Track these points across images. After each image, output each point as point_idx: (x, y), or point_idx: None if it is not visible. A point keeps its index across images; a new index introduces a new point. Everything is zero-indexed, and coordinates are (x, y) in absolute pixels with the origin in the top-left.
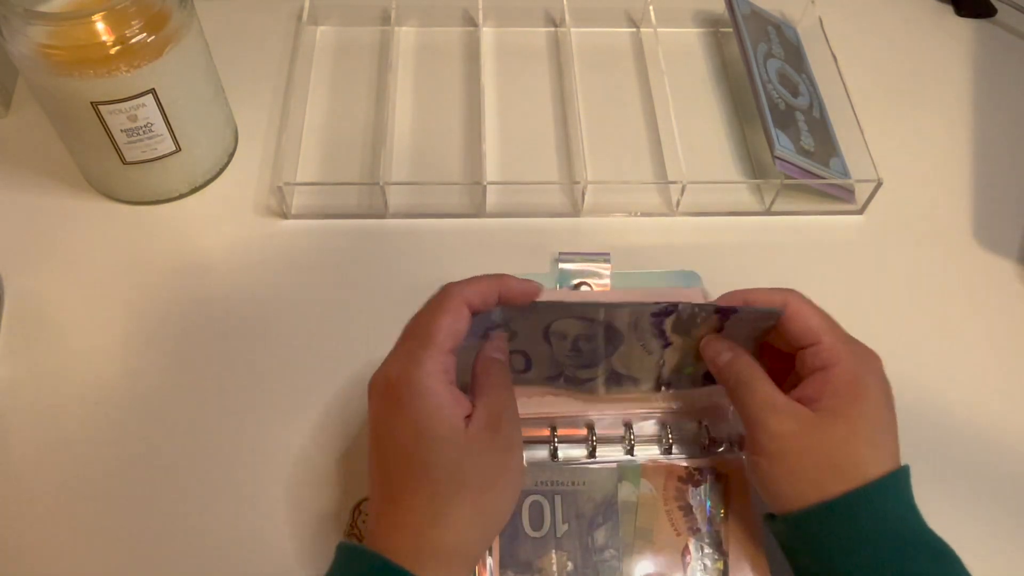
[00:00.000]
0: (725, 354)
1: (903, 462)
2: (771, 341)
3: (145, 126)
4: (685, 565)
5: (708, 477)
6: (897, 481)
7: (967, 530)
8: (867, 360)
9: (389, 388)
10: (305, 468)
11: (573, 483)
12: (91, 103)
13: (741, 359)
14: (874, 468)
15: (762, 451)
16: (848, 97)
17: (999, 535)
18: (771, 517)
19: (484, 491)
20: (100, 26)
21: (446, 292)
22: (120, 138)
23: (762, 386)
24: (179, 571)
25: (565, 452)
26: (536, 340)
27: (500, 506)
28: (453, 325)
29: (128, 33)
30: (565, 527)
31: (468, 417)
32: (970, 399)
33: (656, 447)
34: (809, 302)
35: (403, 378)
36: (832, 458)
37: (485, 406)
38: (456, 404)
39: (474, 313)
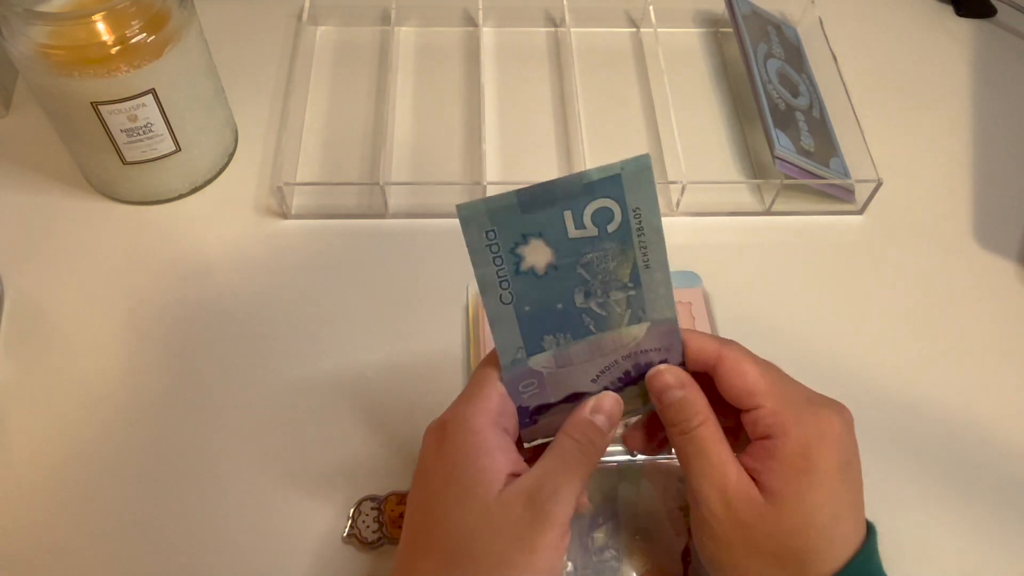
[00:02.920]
0: (676, 391)
1: (871, 516)
2: (718, 388)
3: (145, 126)
4: (685, 565)
5: None
6: (856, 569)
7: (966, 531)
8: (820, 425)
9: (438, 427)
10: (305, 468)
11: None
12: (91, 103)
13: (694, 404)
14: (830, 559)
15: (710, 534)
16: (848, 97)
17: (999, 535)
18: None
19: (497, 569)
20: (100, 26)
21: None
22: (120, 138)
23: (716, 453)
24: (179, 571)
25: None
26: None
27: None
28: None
29: (128, 33)
30: None
31: (515, 475)
32: (970, 399)
33: None
34: (749, 356)
35: (454, 420)
36: (784, 553)
37: (538, 474)
38: (501, 453)
39: None
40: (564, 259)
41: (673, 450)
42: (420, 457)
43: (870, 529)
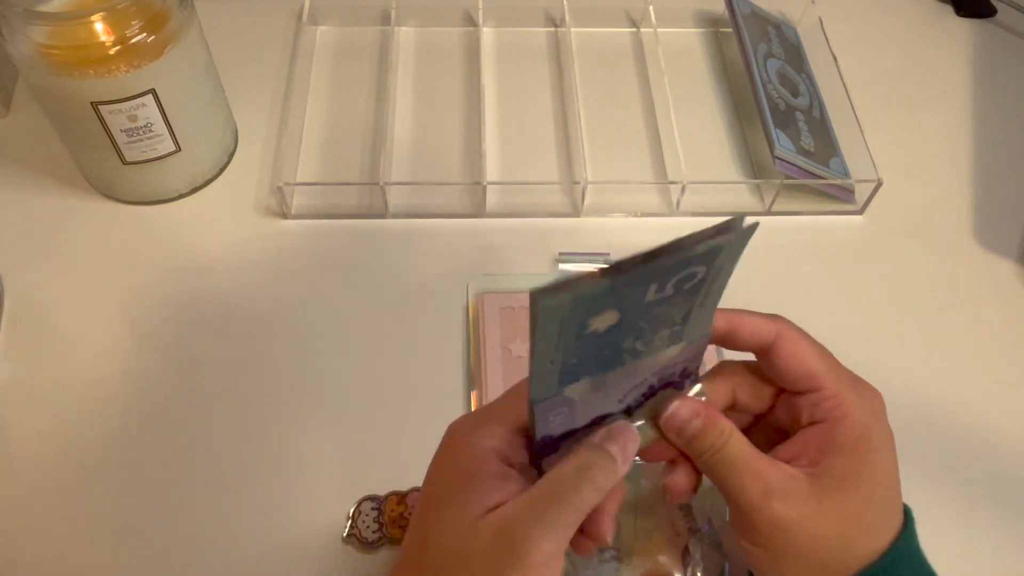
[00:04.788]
0: (694, 422)
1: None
2: (765, 367)
3: (145, 126)
4: (685, 565)
5: None
6: (909, 541)
7: (966, 530)
8: (874, 405)
9: (449, 438)
10: (305, 468)
11: None
12: (91, 103)
13: (715, 426)
14: (889, 532)
15: (762, 542)
16: (848, 97)
17: (999, 535)
18: None
19: None
20: (100, 26)
21: None
22: (120, 138)
23: (750, 463)
24: (179, 570)
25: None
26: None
27: None
28: None
29: (128, 33)
30: None
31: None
32: (970, 399)
33: None
34: (804, 335)
35: (461, 433)
36: (848, 533)
37: (516, 505)
38: (495, 482)
39: None
40: (630, 319)
41: None
42: (435, 453)
43: (906, 507)
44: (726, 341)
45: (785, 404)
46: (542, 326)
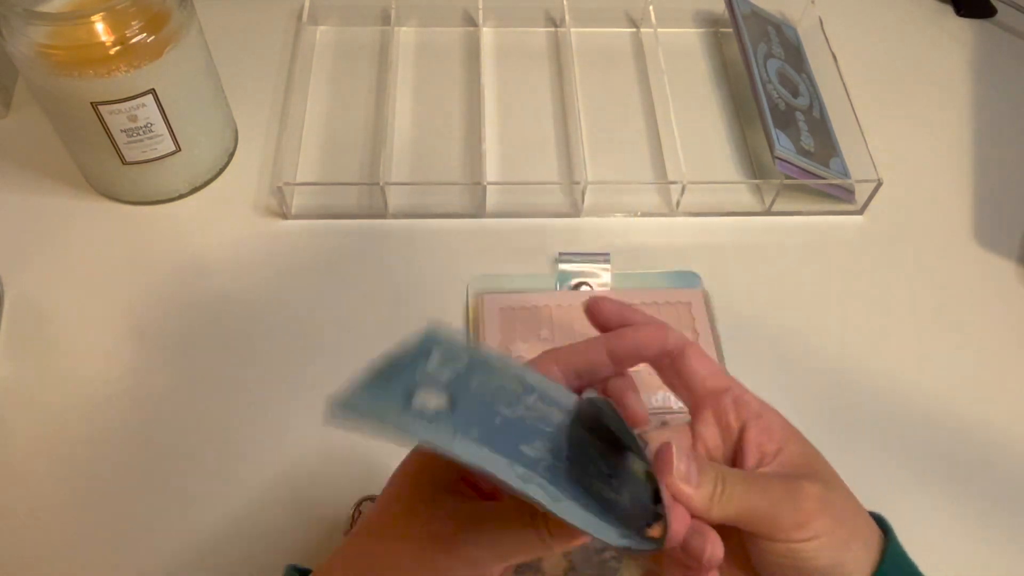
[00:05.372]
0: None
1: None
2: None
3: (145, 126)
4: None
5: None
6: (894, 550)
7: (965, 530)
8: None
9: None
10: (305, 468)
11: None
12: (91, 103)
13: (702, 492)
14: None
15: (811, 528)
16: (848, 97)
17: (999, 535)
18: None
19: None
20: (100, 26)
21: (542, 355)
22: (120, 138)
23: (752, 476)
24: (179, 570)
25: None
26: None
27: None
28: None
29: (128, 33)
30: None
31: (468, 496)
32: (970, 399)
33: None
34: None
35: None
36: (856, 513)
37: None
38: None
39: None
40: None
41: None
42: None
43: (880, 519)
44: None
45: (709, 420)
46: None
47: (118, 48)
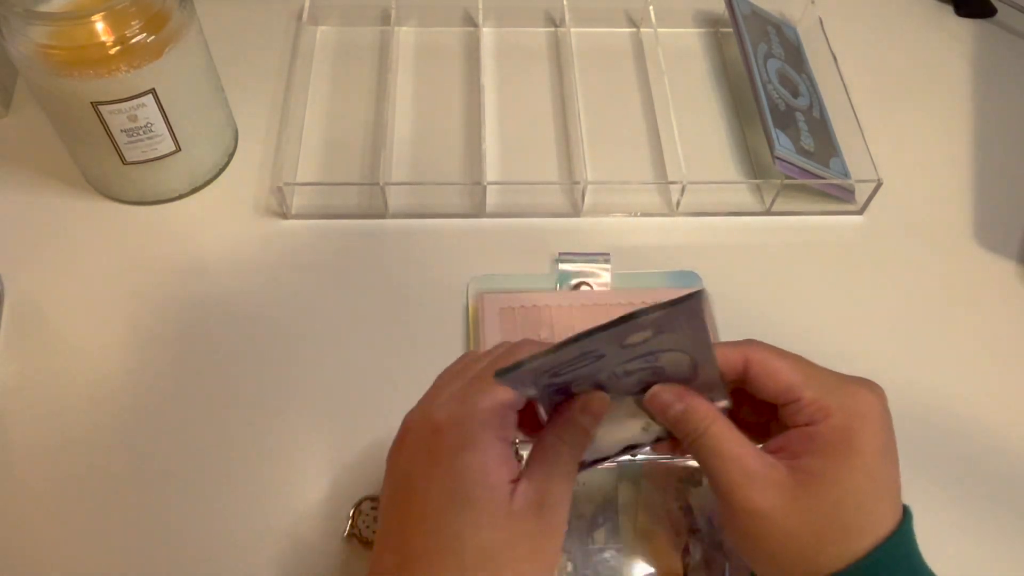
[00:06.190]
0: (676, 405)
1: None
2: (749, 390)
3: (145, 126)
4: (685, 565)
5: None
6: (895, 547)
7: (965, 530)
8: (859, 406)
9: (432, 434)
10: (305, 468)
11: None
12: (91, 103)
13: (697, 411)
14: (869, 536)
15: (739, 530)
16: (848, 97)
17: (999, 535)
18: None
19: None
20: (100, 26)
21: (524, 342)
22: (120, 138)
23: (731, 449)
24: (179, 570)
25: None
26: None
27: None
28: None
29: (128, 33)
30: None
31: (515, 482)
32: (970, 399)
33: None
34: (775, 352)
35: (452, 424)
36: (821, 532)
37: (539, 481)
38: (505, 465)
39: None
40: (588, 376)
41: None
42: (406, 463)
43: (906, 511)
44: None
45: (780, 414)
46: (513, 386)
47: (118, 48)
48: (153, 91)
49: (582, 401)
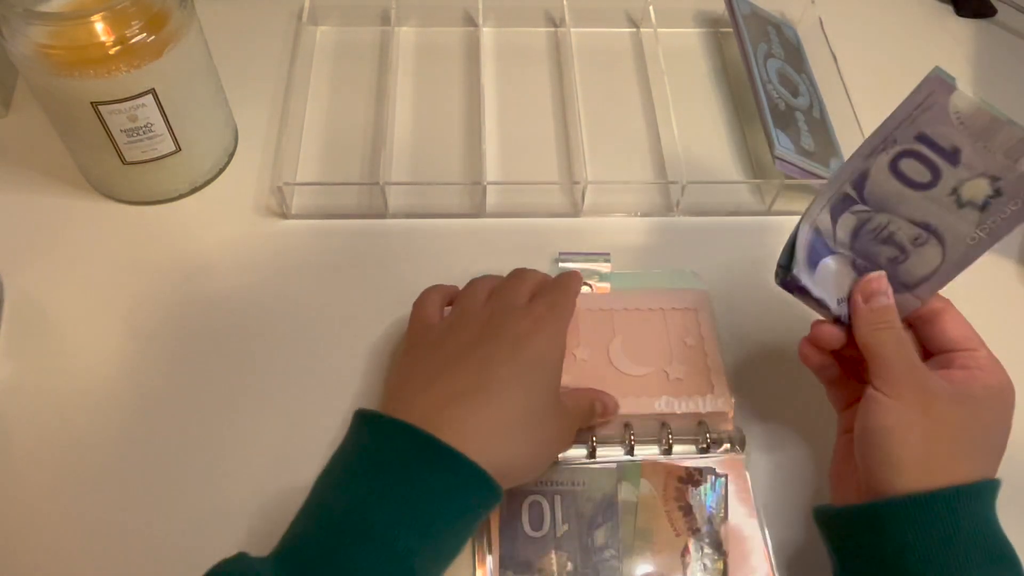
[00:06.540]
0: (883, 298)
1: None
2: (928, 332)
3: (145, 126)
4: (685, 565)
5: (708, 477)
6: (981, 490)
7: None
8: (1008, 388)
9: (532, 323)
10: (305, 468)
11: (573, 483)
12: (91, 103)
13: (895, 310)
14: (963, 473)
15: (896, 392)
16: (848, 97)
17: None
18: (828, 511)
19: (551, 442)
20: (100, 26)
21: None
22: (120, 138)
23: (909, 343)
24: (179, 570)
25: (565, 452)
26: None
27: (549, 457)
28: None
29: (128, 33)
30: (565, 527)
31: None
32: None
33: (656, 447)
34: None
35: (552, 313)
36: (935, 449)
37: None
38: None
39: None
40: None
41: (676, 449)
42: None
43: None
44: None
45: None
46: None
47: (118, 48)
48: (153, 91)
49: (601, 404)
